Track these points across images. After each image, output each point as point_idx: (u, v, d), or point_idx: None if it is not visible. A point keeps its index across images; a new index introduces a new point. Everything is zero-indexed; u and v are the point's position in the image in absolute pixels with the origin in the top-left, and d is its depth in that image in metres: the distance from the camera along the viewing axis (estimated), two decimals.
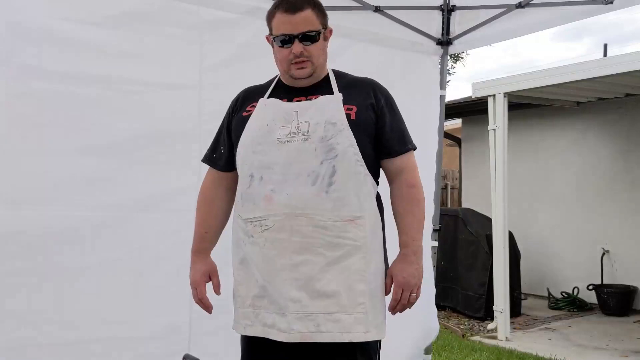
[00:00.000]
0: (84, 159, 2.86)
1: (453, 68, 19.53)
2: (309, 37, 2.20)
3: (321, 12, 2.27)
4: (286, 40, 2.21)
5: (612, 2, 3.35)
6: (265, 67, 2.53)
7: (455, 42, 4.10)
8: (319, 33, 2.23)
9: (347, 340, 2.11)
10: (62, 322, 2.82)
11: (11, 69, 2.73)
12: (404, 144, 2.31)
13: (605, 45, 10.87)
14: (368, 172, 2.20)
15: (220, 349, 3.06)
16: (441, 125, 4.12)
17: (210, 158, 2.46)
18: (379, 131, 2.25)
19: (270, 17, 2.26)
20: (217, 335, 3.08)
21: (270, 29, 2.27)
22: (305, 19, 2.20)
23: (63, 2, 2.87)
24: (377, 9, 3.80)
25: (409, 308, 2.29)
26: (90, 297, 2.89)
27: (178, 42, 3.14)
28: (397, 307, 2.26)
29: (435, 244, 4.00)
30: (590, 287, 7.69)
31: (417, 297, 2.27)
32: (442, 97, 4.15)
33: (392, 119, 2.29)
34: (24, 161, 2.74)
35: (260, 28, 3.31)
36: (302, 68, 2.23)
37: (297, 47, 2.20)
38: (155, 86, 3.07)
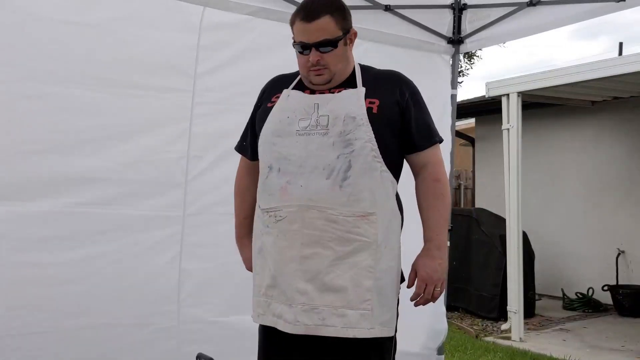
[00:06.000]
0: (80, 158, 2.98)
1: (467, 69, 19.48)
2: (326, 46, 2.18)
3: (342, 16, 2.22)
4: (304, 48, 2.21)
5: (624, 0, 3.32)
6: (261, 70, 2.57)
7: (467, 40, 4.10)
8: (337, 40, 2.20)
9: (350, 336, 2.12)
10: (55, 310, 2.94)
11: (10, 70, 2.80)
12: (430, 138, 2.31)
13: (621, 44, 10.76)
14: (386, 169, 2.19)
15: (206, 336, 3.23)
16: (453, 125, 4.12)
17: (240, 146, 2.52)
18: (404, 126, 2.24)
19: (291, 22, 2.25)
20: (203, 323, 3.27)
21: (293, 34, 2.26)
22: (322, 28, 2.17)
23: (63, 3, 2.92)
24: (388, 8, 3.80)
25: (433, 302, 2.30)
26: (84, 288, 3.01)
27: (176, 46, 3.21)
28: (420, 300, 2.27)
29: (448, 244, 3.99)
30: (605, 287, 7.63)
31: (441, 292, 2.28)
32: (453, 96, 4.14)
33: (418, 113, 2.28)
34: (24, 160, 2.85)
35: (260, 32, 3.39)
36: (319, 75, 2.23)
37: (314, 55, 2.19)
38: (149, 89, 3.15)
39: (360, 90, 2.23)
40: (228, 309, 3.09)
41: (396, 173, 2.27)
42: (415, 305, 2.29)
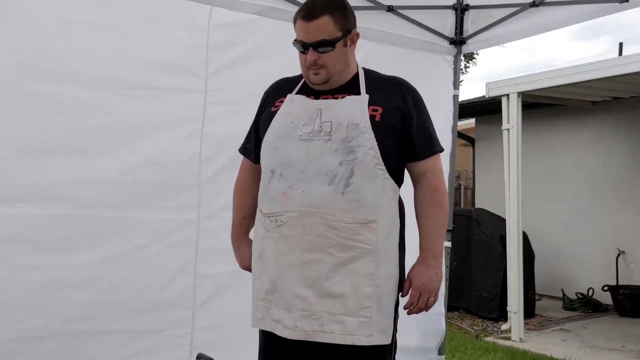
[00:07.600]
0: (92, 160, 2.95)
1: (467, 68, 19.50)
2: (323, 46, 2.18)
3: (343, 16, 2.22)
4: (303, 47, 2.21)
5: (627, 1, 3.31)
6: (270, 70, 2.56)
7: (469, 41, 4.10)
8: (335, 41, 2.19)
9: (349, 343, 2.11)
10: (65, 315, 2.90)
11: (17, 71, 2.78)
12: (431, 147, 2.30)
13: (621, 44, 10.81)
14: (388, 176, 2.18)
15: (221, 343, 3.19)
16: (455, 125, 4.12)
17: (244, 149, 2.52)
18: (405, 133, 2.24)
19: (293, 21, 2.25)
20: (219, 330, 3.24)
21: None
22: (320, 27, 2.17)
23: (71, 3, 2.90)
24: (390, 9, 3.79)
25: (426, 311, 2.29)
26: (94, 292, 2.96)
27: (185, 46, 3.18)
28: (413, 309, 2.26)
29: (449, 244, 3.99)
30: (605, 288, 7.63)
31: (434, 302, 2.27)
32: (455, 97, 4.15)
33: (420, 121, 2.27)
34: (33, 161, 2.82)
35: (268, 31, 3.37)
36: (316, 74, 2.23)
37: (311, 55, 2.19)
38: (160, 90, 3.12)
39: (364, 97, 2.22)
40: (243, 314, 3.04)
41: (398, 179, 2.27)
42: (408, 313, 2.28)
